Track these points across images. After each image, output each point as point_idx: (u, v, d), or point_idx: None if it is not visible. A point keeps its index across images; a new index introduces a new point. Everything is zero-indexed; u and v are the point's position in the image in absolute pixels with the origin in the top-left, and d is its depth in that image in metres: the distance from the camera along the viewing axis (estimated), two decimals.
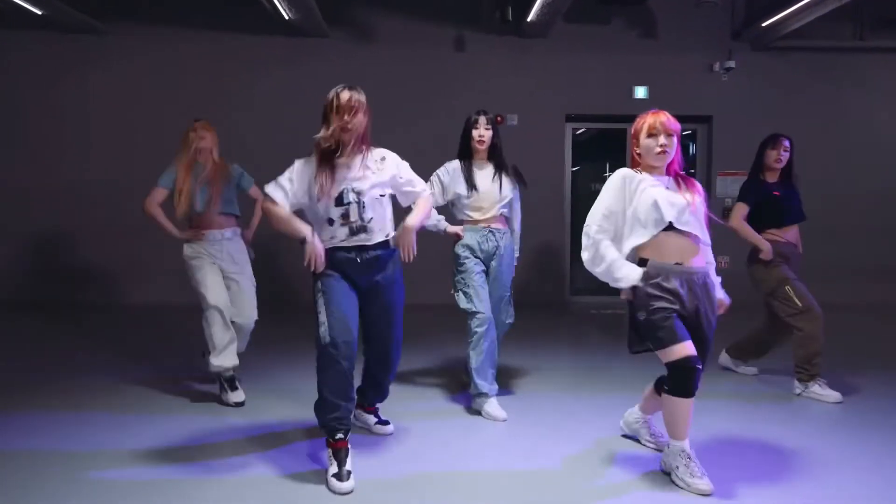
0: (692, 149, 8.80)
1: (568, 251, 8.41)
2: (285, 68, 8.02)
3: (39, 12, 7.02)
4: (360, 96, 3.09)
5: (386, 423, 3.65)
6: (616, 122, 8.42)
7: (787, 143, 4.48)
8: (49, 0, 6.83)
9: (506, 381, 4.55)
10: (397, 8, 8.13)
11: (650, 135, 2.98)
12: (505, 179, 4.11)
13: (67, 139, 8.03)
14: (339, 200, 3.07)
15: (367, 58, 8.06)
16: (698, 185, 3.12)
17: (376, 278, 3.19)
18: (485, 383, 3.85)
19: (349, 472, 2.96)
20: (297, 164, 3.15)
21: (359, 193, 3.09)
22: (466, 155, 4.13)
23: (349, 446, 3.07)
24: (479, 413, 3.90)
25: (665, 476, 3.02)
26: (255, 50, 8.05)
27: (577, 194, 8.58)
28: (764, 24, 7.62)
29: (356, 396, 3.37)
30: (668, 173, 3.07)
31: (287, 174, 3.14)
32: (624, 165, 3.17)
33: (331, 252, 3.12)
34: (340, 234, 3.09)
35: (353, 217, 3.08)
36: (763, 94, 8.23)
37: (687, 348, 2.85)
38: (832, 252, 8.15)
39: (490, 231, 4.06)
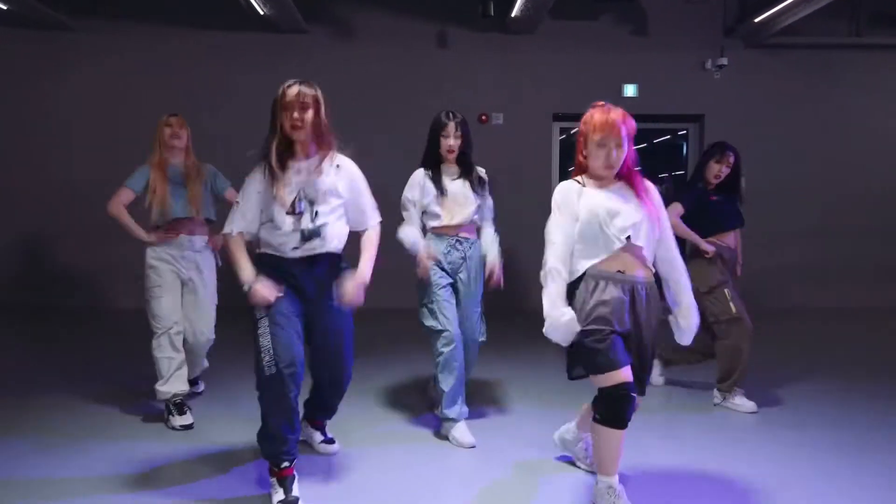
0: (684, 149, 8.63)
1: None
2: (261, 66, 7.78)
3: (4, 7, 6.81)
4: (311, 90, 2.88)
5: (331, 441, 3.41)
6: None
7: (732, 159, 4.27)
8: None
9: (479, 398, 4.31)
10: (378, 2, 7.96)
11: (600, 144, 2.67)
12: (473, 183, 3.80)
13: (41, 139, 7.84)
14: (292, 209, 2.85)
15: (346, 54, 7.91)
16: (651, 188, 2.82)
17: (328, 299, 2.95)
18: (453, 408, 3.56)
19: (297, 499, 2.76)
20: (245, 186, 2.94)
21: (312, 202, 2.88)
22: (433, 160, 3.78)
23: (295, 473, 2.86)
24: (446, 438, 3.62)
25: None
26: (231, 47, 7.88)
27: None
28: (757, 20, 7.45)
29: (302, 409, 3.12)
30: (618, 177, 2.76)
31: (239, 202, 2.95)
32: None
33: (279, 261, 2.89)
34: (292, 241, 2.86)
35: (305, 224, 2.86)
36: (756, 93, 8.08)
37: (623, 374, 2.59)
38: (828, 253, 8.14)
39: (457, 240, 3.73)
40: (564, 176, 8.34)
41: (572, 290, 2.71)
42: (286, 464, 2.81)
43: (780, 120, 8.01)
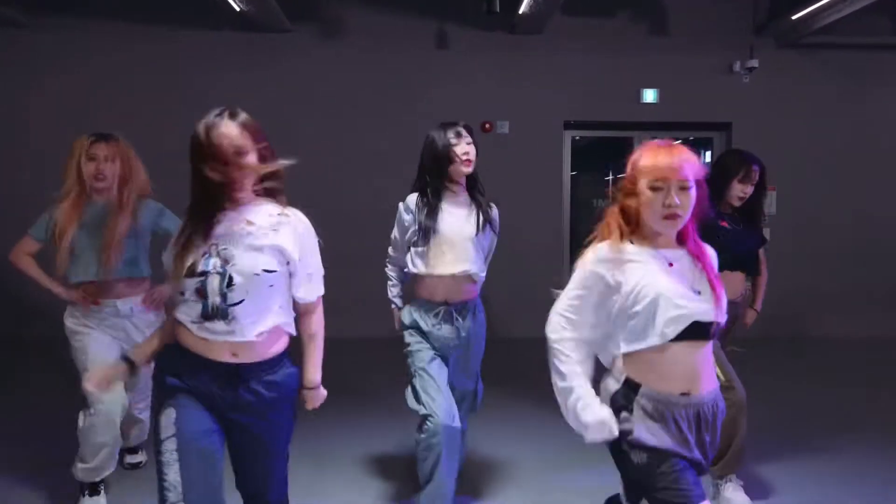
0: (705, 157, 8.38)
1: (566, 277, 7.66)
2: (239, 68, 7.57)
3: None
4: (246, 123, 2.15)
5: None
6: (622, 130, 8.12)
7: (757, 176, 3.65)
8: None
9: (470, 477, 3.57)
10: None
11: (654, 187, 2.00)
12: (482, 222, 3.15)
13: None
14: (192, 269, 2.06)
15: (334, 56, 7.70)
16: (708, 253, 2.16)
17: (252, 417, 2.15)
18: None
19: None
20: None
21: (226, 261, 2.06)
22: (436, 184, 3.11)
23: None
24: None
25: None
26: (204, 47, 7.61)
27: (576, 213, 8.11)
28: (794, 17, 7.07)
29: None
30: (679, 241, 2.11)
31: None
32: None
33: (189, 361, 2.09)
34: (192, 313, 2.07)
35: (212, 293, 2.05)
36: (790, 98, 7.78)
37: None
38: (867, 275, 7.84)
39: (447, 311, 3.08)
40: (577, 190, 8.18)
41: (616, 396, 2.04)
42: None
43: (817, 127, 7.70)
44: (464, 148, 3.06)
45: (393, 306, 3.31)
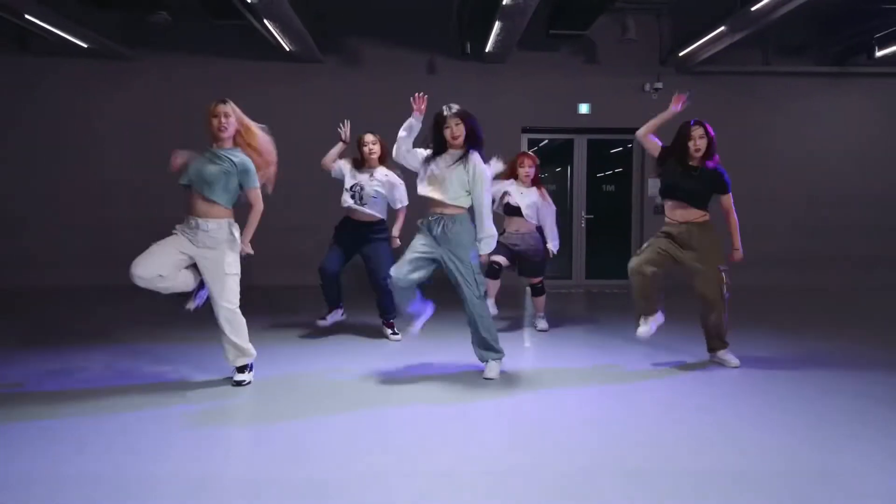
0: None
1: None
2: (286, 89, 8.77)
3: (85, 45, 7.89)
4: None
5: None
6: (564, 134, 9.43)
7: (701, 131, 4.29)
8: (91, 34, 7.71)
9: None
10: (379, 37, 8.95)
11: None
12: (466, 171, 4.01)
13: (98, 147, 8.72)
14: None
15: (353, 79, 8.87)
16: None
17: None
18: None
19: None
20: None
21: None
22: (439, 148, 4.11)
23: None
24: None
25: None
26: (260, 74, 8.81)
27: None
28: (681, 54, 8.67)
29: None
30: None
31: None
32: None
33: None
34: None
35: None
36: (686, 111, 7.79)
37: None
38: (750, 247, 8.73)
39: (433, 218, 4.12)
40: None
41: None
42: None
43: None
44: (453, 131, 4.04)
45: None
